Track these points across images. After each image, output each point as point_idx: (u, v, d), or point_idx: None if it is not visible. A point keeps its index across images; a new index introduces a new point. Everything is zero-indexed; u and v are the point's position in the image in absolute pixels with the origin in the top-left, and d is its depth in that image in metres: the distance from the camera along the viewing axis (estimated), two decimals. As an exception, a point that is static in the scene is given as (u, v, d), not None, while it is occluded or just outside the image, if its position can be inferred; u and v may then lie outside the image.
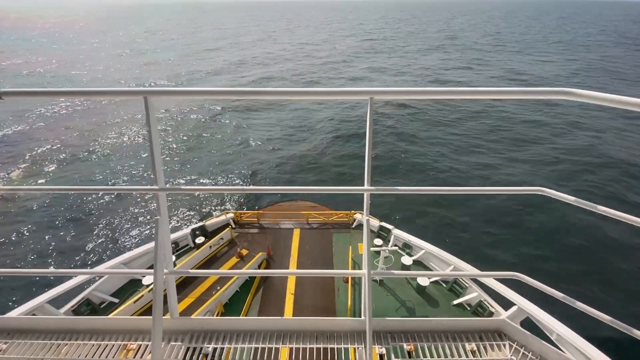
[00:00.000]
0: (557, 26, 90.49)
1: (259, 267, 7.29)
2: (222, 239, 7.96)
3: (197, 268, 7.20)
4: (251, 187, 15.07)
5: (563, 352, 2.05)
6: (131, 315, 5.74)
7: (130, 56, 49.29)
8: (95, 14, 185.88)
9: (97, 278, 6.61)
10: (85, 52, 52.68)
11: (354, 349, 2.13)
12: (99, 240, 11.50)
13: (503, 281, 5.56)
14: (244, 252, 7.66)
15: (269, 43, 63.42)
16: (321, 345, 2.14)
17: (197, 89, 1.75)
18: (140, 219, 12.53)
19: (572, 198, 1.79)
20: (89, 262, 10.56)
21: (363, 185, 1.97)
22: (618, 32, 73.30)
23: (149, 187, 1.92)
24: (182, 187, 2.06)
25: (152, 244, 1.93)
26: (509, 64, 40.27)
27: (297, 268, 7.28)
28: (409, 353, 2.11)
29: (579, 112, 22.22)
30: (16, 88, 1.69)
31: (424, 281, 6.52)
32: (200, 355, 2.11)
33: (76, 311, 5.82)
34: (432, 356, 2.09)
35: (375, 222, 8.21)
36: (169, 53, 51.77)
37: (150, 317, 1.87)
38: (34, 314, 4.89)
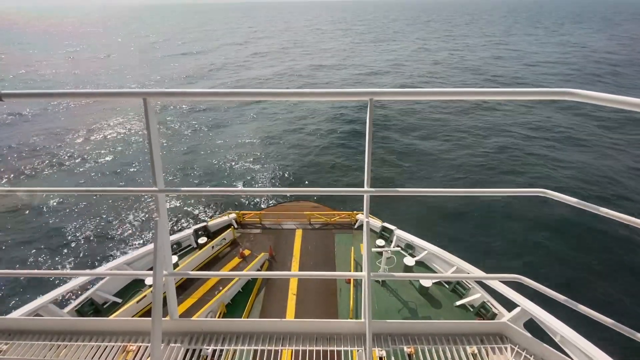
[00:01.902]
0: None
1: (261, 268, 7.29)
2: (224, 239, 7.97)
3: (200, 268, 7.22)
4: (250, 188, 15.06)
5: (567, 354, 2.02)
6: (133, 316, 5.76)
7: (96, 60, 48.32)
8: (86, 17, 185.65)
9: (100, 278, 6.65)
10: (55, 56, 52.23)
11: (355, 351, 2.12)
12: (102, 241, 11.56)
13: (506, 283, 5.52)
14: (247, 252, 7.67)
15: (249, 46, 61.10)
16: (321, 348, 2.13)
17: (196, 90, 1.75)
18: (143, 219, 12.59)
19: (575, 200, 1.77)
20: (92, 263, 10.63)
21: (363, 186, 1.96)
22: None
23: (148, 188, 1.92)
24: (181, 188, 2.06)
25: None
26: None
27: (300, 268, 7.27)
28: (410, 356, 2.09)
29: (581, 113, 22.05)
30: (16, 90, 1.70)
31: (426, 282, 6.49)
32: (200, 357, 2.10)
33: (80, 311, 5.85)
34: (432, 359, 2.07)
35: (377, 223, 8.19)
36: (137, 58, 50.13)
37: (150, 318, 1.86)
38: (38, 314, 4.93)
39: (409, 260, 6.97)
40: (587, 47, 48.86)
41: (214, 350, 2.14)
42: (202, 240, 7.85)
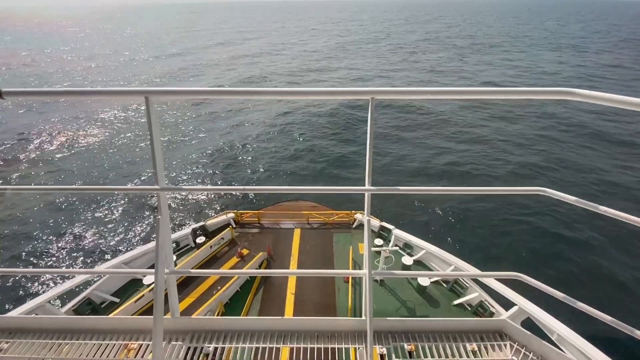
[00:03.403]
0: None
1: (260, 267, 7.28)
2: (222, 238, 7.96)
3: (198, 268, 7.20)
4: (251, 187, 14.97)
5: (564, 352, 2.04)
6: (132, 315, 5.74)
7: (57, 61, 46.32)
8: (79, 16, 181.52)
9: (98, 278, 6.62)
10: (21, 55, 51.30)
11: (355, 349, 2.13)
12: (100, 240, 11.51)
13: (504, 281, 5.56)
14: (245, 252, 7.66)
15: (227, 47, 58.52)
16: (322, 345, 2.14)
17: (198, 88, 1.76)
18: (141, 218, 12.55)
19: (574, 198, 1.79)
20: (90, 262, 10.58)
21: (364, 185, 1.97)
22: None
23: (149, 186, 1.92)
24: (183, 186, 2.07)
25: (153, 244, 1.94)
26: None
27: (298, 268, 7.28)
28: (410, 353, 2.11)
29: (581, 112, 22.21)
30: (17, 88, 1.70)
31: (424, 281, 6.52)
32: (201, 355, 2.11)
33: (77, 311, 5.82)
34: (432, 356, 2.09)
35: (375, 222, 8.20)
36: (108, 60, 47.67)
37: (151, 316, 1.87)
38: (35, 314, 4.90)
39: (407, 260, 6.99)
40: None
41: (215, 348, 2.15)
42: (200, 239, 7.83)
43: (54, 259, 10.73)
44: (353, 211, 8.94)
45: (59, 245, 11.30)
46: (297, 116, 23.33)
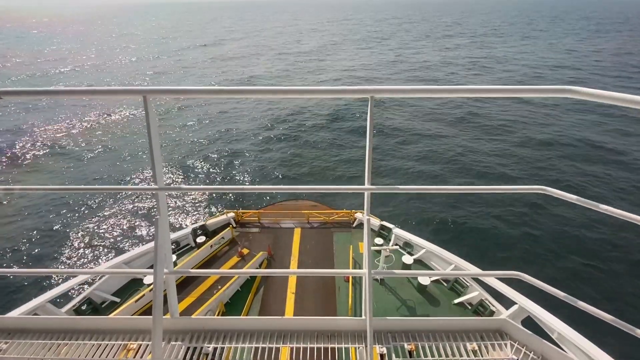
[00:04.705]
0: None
1: (260, 267, 7.28)
2: (223, 238, 7.96)
3: (198, 267, 7.20)
4: (251, 186, 14.98)
5: (564, 351, 2.04)
6: (132, 315, 5.74)
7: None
8: (73, 16, 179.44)
9: (98, 278, 6.62)
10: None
11: (355, 348, 2.13)
12: (100, 240, 11.51)
13: (504, 280, 5.55)
14: (245, 251, 7.66)
15: (212, 48, 57.38)
16: (322, 345, 2.14)
17: (196, 87, 1.75)
18: (141, 218, 12.54)
19: (575, 197, 1.78)
20: (90, 262, 10.58)
21: (364, 184, 1.96)
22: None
23: (148, 186, 1.92)
24: (182, 186, 2.06)
25: (152, 244, 1.94)
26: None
27: (298, 267, 7.27)
28: (410, 353, 2.10)
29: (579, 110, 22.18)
30: (16, 88, 1.69)
31: (424, 280, 6.51)
32: (201, 355, 2.11)
33: (77, 310, 5.82)
34: (433, 356, 2.08)
35: (376, 222, 8.19)
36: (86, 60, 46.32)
37: (151, 316, 1.86)
38: (35, 314, 4.89)
39: (407, 259, 6.99)
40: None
41: (215, 348, 2.15)
42: (201, 239, 7.82)
43: (54, 259, 10.73)
44: (353, 210, 8.93)
45: (59, 245, 11.30)
46: (296, 116, 23.30)
